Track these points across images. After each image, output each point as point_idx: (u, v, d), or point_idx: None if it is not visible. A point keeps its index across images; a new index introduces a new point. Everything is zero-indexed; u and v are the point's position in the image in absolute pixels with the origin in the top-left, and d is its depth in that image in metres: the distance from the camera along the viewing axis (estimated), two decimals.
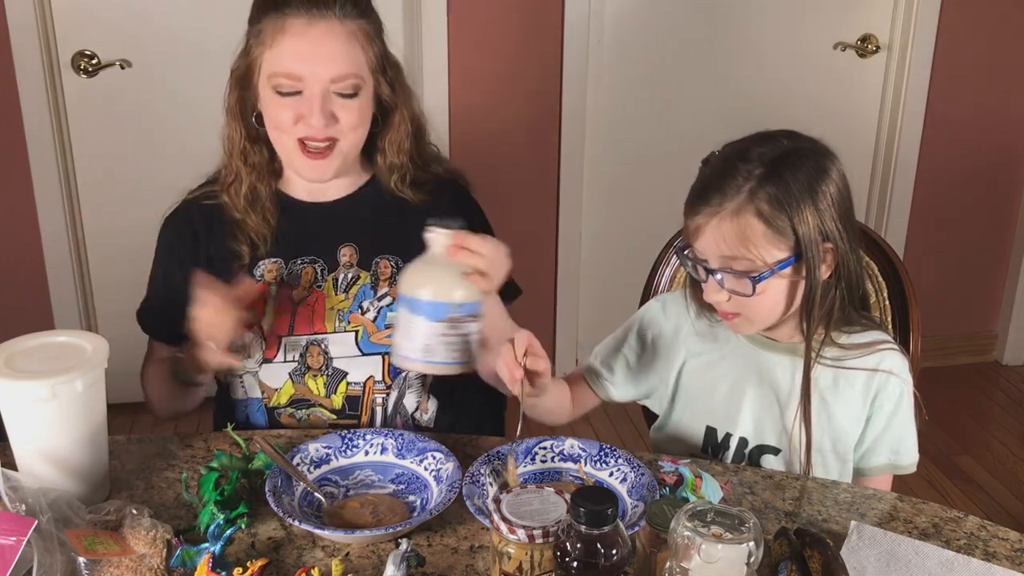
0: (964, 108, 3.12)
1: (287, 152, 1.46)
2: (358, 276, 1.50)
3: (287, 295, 1.49)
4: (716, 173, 1.33)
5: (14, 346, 1.20)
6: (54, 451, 1.18)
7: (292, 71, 1.39)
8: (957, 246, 3.30)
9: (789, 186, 1.28)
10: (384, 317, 1.49)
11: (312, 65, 1.38)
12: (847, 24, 3.03)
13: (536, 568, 0.99)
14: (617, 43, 2.93)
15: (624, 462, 1.29)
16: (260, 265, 1.50)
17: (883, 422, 1.40)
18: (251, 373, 1.49)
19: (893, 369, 1.39)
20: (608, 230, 3.10)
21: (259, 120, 1.47)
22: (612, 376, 1.52)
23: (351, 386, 1.48)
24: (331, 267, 1.51)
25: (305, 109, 1.39)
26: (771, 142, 1.33)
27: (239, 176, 1.50)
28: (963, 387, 3.29)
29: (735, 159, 1.32)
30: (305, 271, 1.50)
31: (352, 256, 1.51)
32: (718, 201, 1.29)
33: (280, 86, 1.40)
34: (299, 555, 1.15)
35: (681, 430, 1.49)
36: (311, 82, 1.39)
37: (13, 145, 2.65)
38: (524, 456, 1.30)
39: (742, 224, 1.28)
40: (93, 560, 1.05)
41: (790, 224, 1.28)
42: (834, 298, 1.35)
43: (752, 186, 1.28)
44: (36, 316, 2.80)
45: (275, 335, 1.48)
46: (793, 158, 1.30)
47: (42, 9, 2.57)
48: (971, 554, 1.17)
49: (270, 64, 1.40)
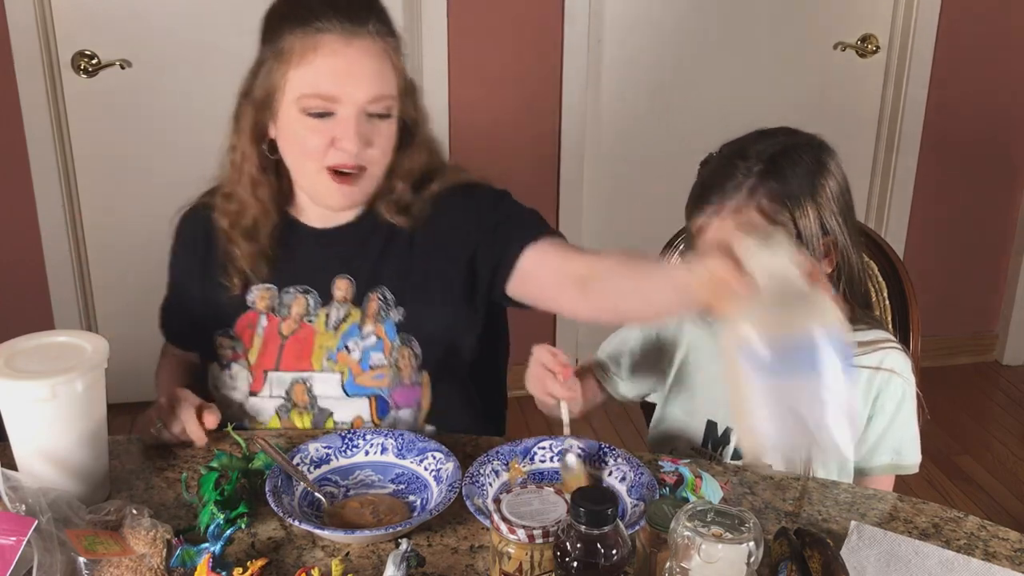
0: (964, 108, 3.11)
1: (310, 178, 1.37)
2: (349, 313, 1.42)
3: (275, 327, 1.43)
4: (716, 172, 1.33)
5: (14, 346, 1.20)
6: (54, 451, 1.18)
7: (327, 91, 1.30)
8: (957, 246, 3.30)
9: (789, 181, 1.29)
10: (368, 358, 1.41)
11: (348, 85, 1.30)
12: (847, 24, 3.03)
13: (536, 568, 0.99)
14: (617, 43, 2.93)
15: (623, 461, 1.29)
16: (252, 291, 1.44)
17: (885, 422, 1.40)
18: (237, 404, 1.45)
19: (896, 368, 1.39)
20: (608, 230, 3.10)
21: (271, 147, 1.39)
22: (619, 370, 1.52)
23: (338, 425, 1.43)
24: (324, 299, 1.43)
25: (339, 132, 1.31)
26: (769, 138, 1.33)
27: (243, 208, 1.42)
28: (963, 387, 3.29)
29: (734, 157, 1.32)
30: (297, 300, 1.43)
31: (347, 290, 1.43)
32: (719, 200, 1.30)
33: (311, 108, 1.31)
34: (299, 555, 1.15)
35: (682, 424, 1.49)
36: (347, 103, 1.30)
37: (13, 145, 2.65)
38: (523, 456, 1.31)
39: (744, 221, 1.28)
40: (93, 560, 1.05)
41: (791, 219, 1.28)
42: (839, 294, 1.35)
43: (752, 182, 1.29)
44: (36, 316, 2.80)
45: (261, 369, 1.44)
46: (792, 153, 1.31)
47: (42, 9, 2.57)
48: (971, 554, 1.17)
49: (299, 84, 1.31)
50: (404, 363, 1.42)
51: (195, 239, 1.50)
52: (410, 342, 1.42)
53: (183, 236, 1.54)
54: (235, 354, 1.45)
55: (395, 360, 1.41)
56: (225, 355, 1.46)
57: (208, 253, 1.47)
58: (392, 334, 1.41)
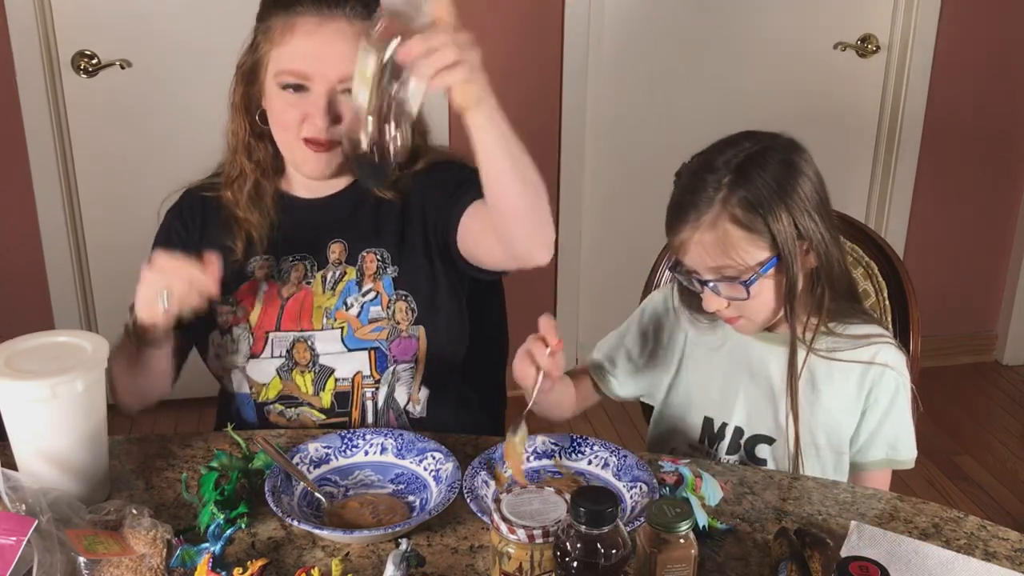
0: (964, 108, 3.11)
1: (290, 147, 1.46)
2: (344, 272, 1.50)
3: (275, 290, 1.50)
4: (687, 189, 1.35)
5: (14, 346, 1.20)
6: (54, 451, 1.18)
7: (300, 69, 1.39)
8: (957, 246, 3.30)
9: (759, 188, 1.30)
10: (367, 312, 1.48)
11: (320, 65, 1.39)
12: (847, 24, 3.03)
13: (536, 568, 0.99)
14: (617, 43, 2.93)
15: (600, 447, 1.30)
16: (252, 261, 1.51)
17: (879, 416, 1.40)
18: (239, 368, 1.49)
19: (889, 363, 1.39)
20: (608, 230, 3.10)
21: (263, 118, 1.48)
22: (614, 369, 1.52)
23: (339, 382, 1.48)
24: (320, 264, 1.51)
25: (311, 108, 1.40)
26: (733, 147, 1.34)
27: (243, 173, 1.51)
28: (963, 387, 3.29)
29: (702, 171, 1.33)
30: (296, 267, 1.50)
31: (341, 252, 1.51)
32: (695, 216, 1.32)
33: (286, 83, 1.40)
34: (299, 555, 1.15)
35: (679, 421, 1.50)
36: (318, 81, 1.39)
37: (13, 145, 2.65)
38: (500, 460, 1.30)
39: (721, 233, 1.30)
40: (93, 560, 1.05)
41: (765, 225, 1.29)
42: (822, 289, 1.35)
43: (724, 194, 1.30)
44: (36, 316, 2.80)
45: (262, 330, 1.48)
46: (759, 158, 1.31)
47: (42, 9, 2.57)
48: (971, 554, 1.17)
49: (278, 61, 1.41)
50: (401, 315, 1.48)
51: (193, 216, 1.56)
52: (405, 297, 1.48)
53: (182, 213, 1.57)
54: (235, 318, 1.49)
55: (392, 312, 1.47)
56: (226, 320, 1.50)
57: (205, 228, 1.54)
58: (389, 289, 1.48)
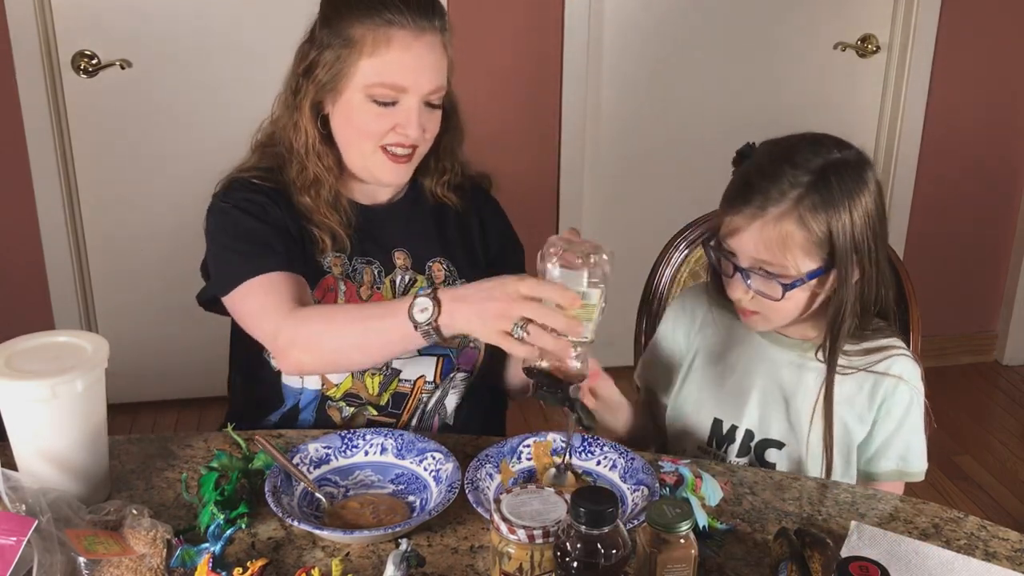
0: (964, 108, 3.12)
1: (365, 156, 1.44)
2: (415, 279, 1.50)
3: (354, 291, 1.49)
4: (761, 174, 1.30)
5: (14, 346, 1.20)
6: (54, 451, 1.18)
7: (398, 83, 1.38)
8: (957, 246, 3.30)
9: (834, 198, 1.27)
10: None
11: (416, 78, 1.38)
12: (847, 24, 3.03)
13: (536, 568, 0.99)
14: (617, 43, 2.93)
15: (610, 449, 1.30)
16: (328, 255, 1.48)
17: (891, 427, 1.39)
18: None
19: (903, 375, 1.38)
20: (608, 230, 3.09)
21: (323, 123, 1.45)
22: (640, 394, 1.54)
23: (402, 383, 1.48)
24: (387, 269, 1.50)
25: (402, 119, 1.39)
26: (818, 147, 1.31)
27: (319, 179, 1.46)
28: (963, 387, 3.29)
29: (783, 162, 1.29)
30: (366, 270, 1.50)
31: (406, 260, 1.51)
32: (761, 203, 1.28)
33: (379, 96, 1.38)
34: (299, 555, 1.15)
35: (689, 422, 1.49)
36: (412, 94, 1.39)
37: (13, 145, 2.65)
38: (511, 455, 1.31)
39: (783, 231, 1.27)
40: (93, 560, 1.05)
41: (829, 236, 1.27)
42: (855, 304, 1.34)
43: (799, 193, 1.27)
44: (36, 316, 2.80)
45: None
46: (840, 168, 1.29)
47: (42, 9, 2.57)
48: (971, 554, 1.17)
49: (370, 73, 1.38)
50: None
51: (264, 195, 1.47)
52: None
53: (254, 189, 1.47)
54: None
55: None
56: None
57: (280, 212, 1.45)
58: None
